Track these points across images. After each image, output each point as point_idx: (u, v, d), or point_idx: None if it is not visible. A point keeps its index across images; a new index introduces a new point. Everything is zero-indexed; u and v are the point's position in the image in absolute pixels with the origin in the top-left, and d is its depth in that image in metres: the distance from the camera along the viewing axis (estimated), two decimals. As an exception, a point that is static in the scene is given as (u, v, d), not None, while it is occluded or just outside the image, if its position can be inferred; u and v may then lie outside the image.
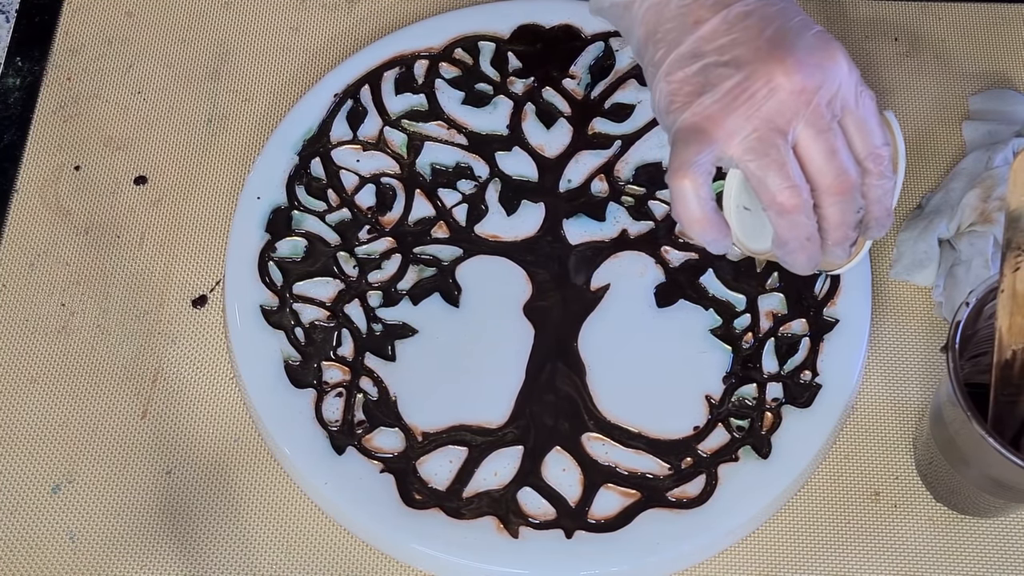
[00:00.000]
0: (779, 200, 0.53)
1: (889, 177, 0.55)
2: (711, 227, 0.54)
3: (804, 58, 0.52)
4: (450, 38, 0.74)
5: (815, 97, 0.52)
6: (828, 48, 0.53)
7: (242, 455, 0.64)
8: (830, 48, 0.53)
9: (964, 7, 0.77)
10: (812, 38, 0.53)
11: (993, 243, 0.65)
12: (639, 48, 0.57)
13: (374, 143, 0.71)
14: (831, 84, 0.52)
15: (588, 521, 0.61)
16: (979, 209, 0.66)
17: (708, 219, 0.54)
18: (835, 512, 0.63)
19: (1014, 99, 0.73)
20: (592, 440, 0.63)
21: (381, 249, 0.68)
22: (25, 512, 0.63)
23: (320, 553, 0.62)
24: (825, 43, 0.53)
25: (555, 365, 0.64)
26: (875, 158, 0.54)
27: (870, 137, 0.54)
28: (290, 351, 0.65)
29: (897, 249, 0.68)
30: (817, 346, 0.65)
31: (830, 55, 0.52)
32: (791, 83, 0.52)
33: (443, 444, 0.63)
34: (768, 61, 0.52)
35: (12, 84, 0.75)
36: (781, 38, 0.52)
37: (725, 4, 0.54)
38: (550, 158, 0.71)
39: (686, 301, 0.66)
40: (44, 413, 0.65)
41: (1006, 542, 0.62)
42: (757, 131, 0.52)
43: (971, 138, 0.71)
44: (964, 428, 0.54)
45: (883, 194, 0.55)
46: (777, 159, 0.53)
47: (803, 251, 0.55)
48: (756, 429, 0.63)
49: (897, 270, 0.67)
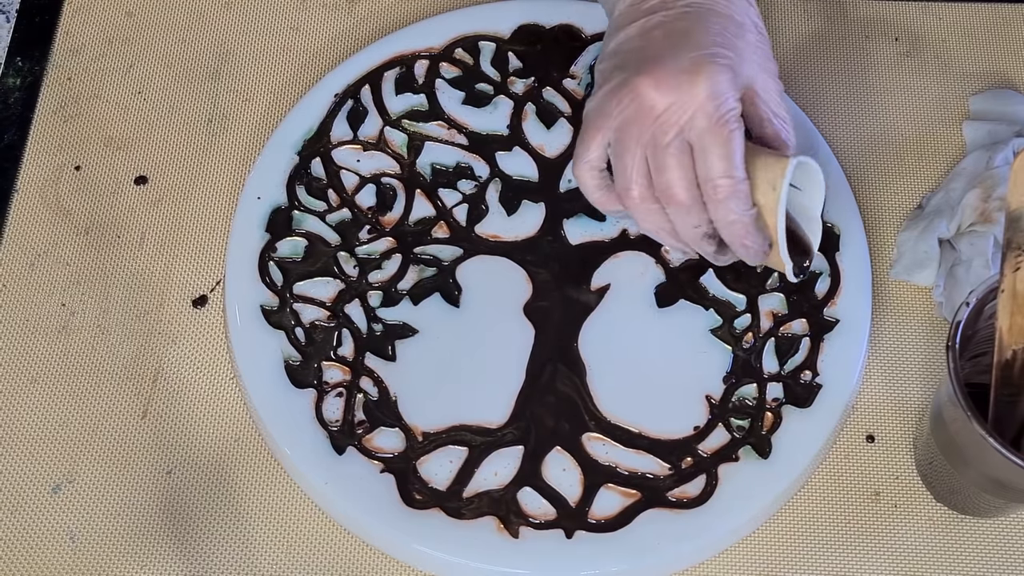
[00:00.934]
0: (622, 194, 0.59)
1: (733, 209, 0.57)
2: (610, 205, 0.61)
3: (664, 78, 0.55)
4: (450, 38, 0.74)
5: (663, 115, 0.56)
6: (694, 73, 0.55)
7: (242, 455, 0.64)
8: (696, 74, 0.55)
9: (964, 7, 0.77)
10: (687, 61, 0.56)
11: (993, 243, 0.65)
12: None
13: (374, 143, 0.71)
14: (682, 107, 0.55)
15: (588, 521, 0.61)
16: (979, 209, 0.66)
17: (604, 200, 0.61)
18: (835, 512, 0.63)
19: (1014, 99, 0.73)
20: (592, 440, 0.63)
21: (381, 249, 0.68)
22: (25, 512, 0.63)
23: (320, 553, 0.62)
24: (694, 68, 0.55)
25: (555, 366, 0.64)
26: (712, 186, 0.57)
27: (707, 166, 0.57)
28: (290, 351, 0.65)
29: (897, 249, 0.68)
30: (817, 346, 0.65)
31: (691, 80, 0.55)
32: (647, 98, 0.56)
33: (443, 444, 0.63)
34: (639, 73, 0.56)
35: (12, 84, 0.75)
36: (661, 55, 0.56)
37: (653, 11, 0.58)
38: (550, 158, 0.71)
39: (686, 301, 0.66)
40: (44, 413, 0.65)
41: (1006, 542, 0.62)
42: (617, 132, 0.58)
43: (972, 138, 0.71)
44: (964, 428, 0.54)
45: (729, 222, 0.58)
46: (626, 160, 0.58)
47: (662, 239, 0.61)
48: (756, 429, 0.63)
49: (897, 270, 0.67)
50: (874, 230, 0.70)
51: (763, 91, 0.58)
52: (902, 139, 0.73)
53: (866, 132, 0.73)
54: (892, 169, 0.72)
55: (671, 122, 0.56)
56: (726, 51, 0.56)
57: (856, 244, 0.68)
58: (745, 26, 0.58)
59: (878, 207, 0.71)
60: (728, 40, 0.57)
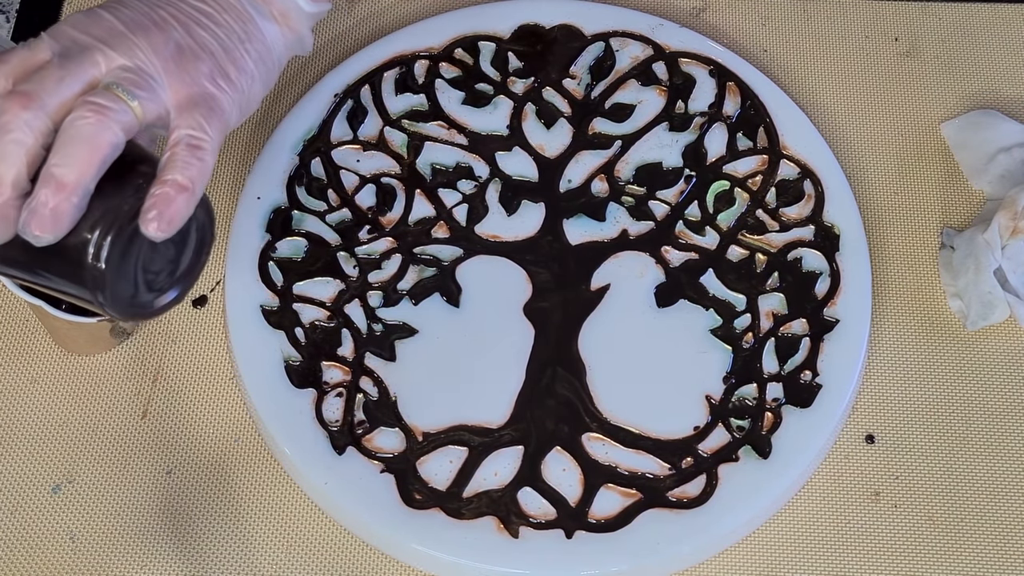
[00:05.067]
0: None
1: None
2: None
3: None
4: (450, 38, 0.74)
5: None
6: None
7: (242, 455, 0.64)
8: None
9: (964, 7, 0.77)
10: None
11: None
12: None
13: (374, 143, 0.71)
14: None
15: (588, 521, 0.61)
16: (1011, 228, 0.66)
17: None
18: (835, 512, 0.63)
19: (988, 123, 0.72)
20: (592, 440, 0.63)
21: (381, 249, 0.68)
22: (25, 512, 0.63)
23: (320, 553, 0.62)
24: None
25: (555, 369, 0.64)
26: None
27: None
28: (290, 351, 0.65)
29: (960, 300, 0.67)
30: (817, 346, 0.65)
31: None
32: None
33: (443, 444, 0.63)
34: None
35: (12, 84, 0.75)
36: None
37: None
38: (550, 158, 0.71)
39: (686, 301, 0.66)
40: (44, 413, 0.65)
41: (1006, 542, 0.62)
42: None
43: (993, 191, 0.71)
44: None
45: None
46: None
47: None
48: (756, 429, 0.63)
49: (973, 319, 0.66)
50: (874, 230, 0.70)
51: None
52: (902, 139, 0.73)
53: (866, 132, 0.73)
54: (892, 169, 0.72)
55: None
56: None
57: (856, 244, 0.68)
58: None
59: (878, 207, 0.71)
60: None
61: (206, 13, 0.55)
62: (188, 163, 0.50)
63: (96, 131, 0.48)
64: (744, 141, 0.71)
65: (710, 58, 0.73)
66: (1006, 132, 0.72)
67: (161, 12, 0.53)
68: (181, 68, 0.52)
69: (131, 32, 0.52)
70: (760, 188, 0.69)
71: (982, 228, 0.67)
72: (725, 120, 0.71)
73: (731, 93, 0.72)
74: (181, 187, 0.49)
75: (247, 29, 0.56)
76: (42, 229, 0.47)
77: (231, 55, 0.55)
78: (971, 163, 0.71)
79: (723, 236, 0.68)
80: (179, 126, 0.51)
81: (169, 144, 0.51)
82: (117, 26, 0.52)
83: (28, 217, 0.47)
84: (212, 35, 0.54)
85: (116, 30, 0.51)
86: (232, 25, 0.56)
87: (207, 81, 0.53)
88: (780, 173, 0.70)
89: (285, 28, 0.59)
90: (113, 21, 0.52)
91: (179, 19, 0.54)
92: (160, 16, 0.53)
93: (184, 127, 0.51)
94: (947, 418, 0.65)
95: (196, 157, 0.51)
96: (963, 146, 0.72)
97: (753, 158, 0.70)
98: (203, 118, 0.52)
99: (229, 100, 0.54)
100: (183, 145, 0.51)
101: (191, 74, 0.53)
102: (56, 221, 0.47)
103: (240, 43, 0.56)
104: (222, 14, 0.56)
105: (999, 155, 0.71)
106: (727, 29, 0.76)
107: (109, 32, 0.51)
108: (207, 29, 0.54)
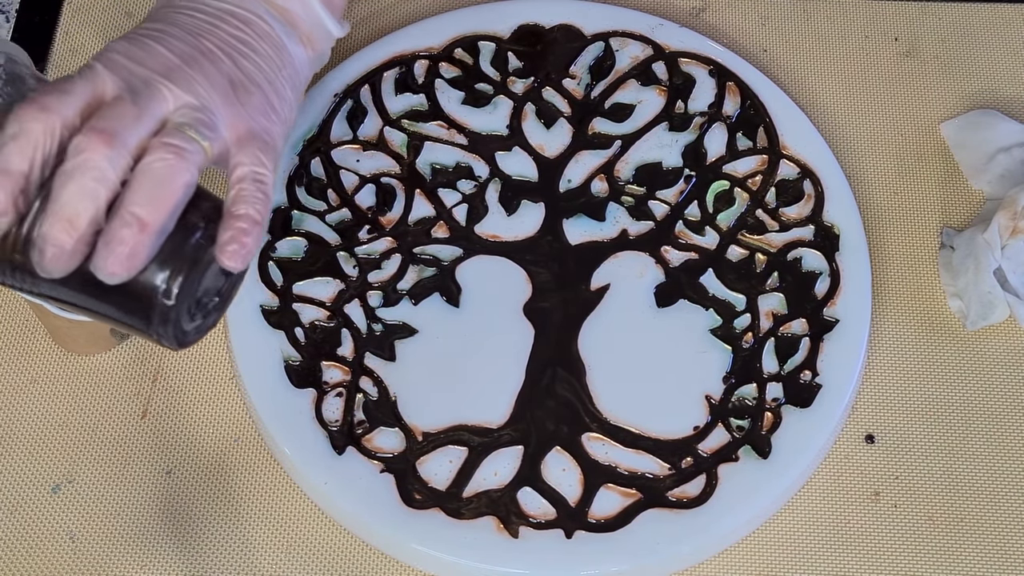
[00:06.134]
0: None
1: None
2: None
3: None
4: (450, 38, 0.74)
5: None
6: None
7: (242, 455, 0.64)
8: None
9: (964, 7, 0.77)
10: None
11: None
12: None
13: (374, 143, 0.71)
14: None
15: (588, 521, 0.61)
16: (1010, 228, 0.66)
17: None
18: (835, 512, 0.63)
19: (987, 122, 0.72)
20: (592, 440, 0.63)
21: (381, 249, 0.68)
22: (25, 512, 0.63)
23: (320, 553, 0.62)
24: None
25: (555, 369, 0.64)
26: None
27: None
28: (290, 351, 0.65)
29: (960, 300, 0.67)
30: (817, 346, 0.65)
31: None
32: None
33: (443, 444, 0.63)
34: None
35: (12, 84, 0.75)
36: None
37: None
38: (550, 158, 0.71)
39: (686, 301, 0.66)
40: (44, 413, 0.65)
41: (1006, 542, 0.62)
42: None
43: (992, 191, 0.71)
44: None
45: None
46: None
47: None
48: (756, 429, 0.63)
49: (973, 320, 0.66)
50: (874, 230, 0.70)
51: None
52: (902, 139, 0.73)
53: (866, 132, 0.73)
54: (892, 169, 0.72)
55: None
56: None
57: (856, 244, 0.68)
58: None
59: (878, 207, 0.71)
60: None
61: (245, 42, 0.56)
62: (257, 198, 0.51)
63: (175, 173, 0.49)
64: (744, 141, 0.71)
65: (710, 58, 0.73)
66: (1006, 132, 0.72)
67: (206, 42, 0.54)
68: (236, 103, 0.53)
69: (187, 66, 0.52)
70: (760, 188, 0.69)
71: (982, 228, 0.67)
72: (725, 120, 0.71)
73: (731, 93, 0.72)
74: (255, 222, 0.51)
75: (281, 56, 0.57)
76: (119, 268, 0.48)
77: (274, 85, 0.56)
78: (971, 163, 0.71)
79: (723, 236, 0.68)
80: (242, 162, 0.52)
81: (234, 179, 0.52)
82: (173, 59, 0.52)
83: (104, 255, 0.48)
84: (256, 66, 0.55)
85: (173, 64, 0.52)
86: (270, 53, 0.57)
87: (260, 115, 0.54)
88: (780, 173, 0.70)
89: (310, 49, 0.60)
90: (167, 54, 0.52)
91: (224, 50, 0.54)
92: (206, 47, 0.54)
93: (248, 163, 0.52)
94: (947, 418, 0.65)
95: (262, 192, 0.52)
96: (963, 146, 0.72)
97: (753, 158, 0.70)
98: (261, 152, 0.53)
99: (278, 131, 0.55)
100: (249, 180, 0.52)
101: (246, 108, 0.54)
102: (132, 261, 0.48)
103: (278, 71, 0.57)
104: (260, 42, 0.56)
105: (999, 155, 0.71)
106: (727, 29, 0.76)
107: (166, 66, 0.52)
108: (250, 60, 0.55)
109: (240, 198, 0.51)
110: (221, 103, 0.52)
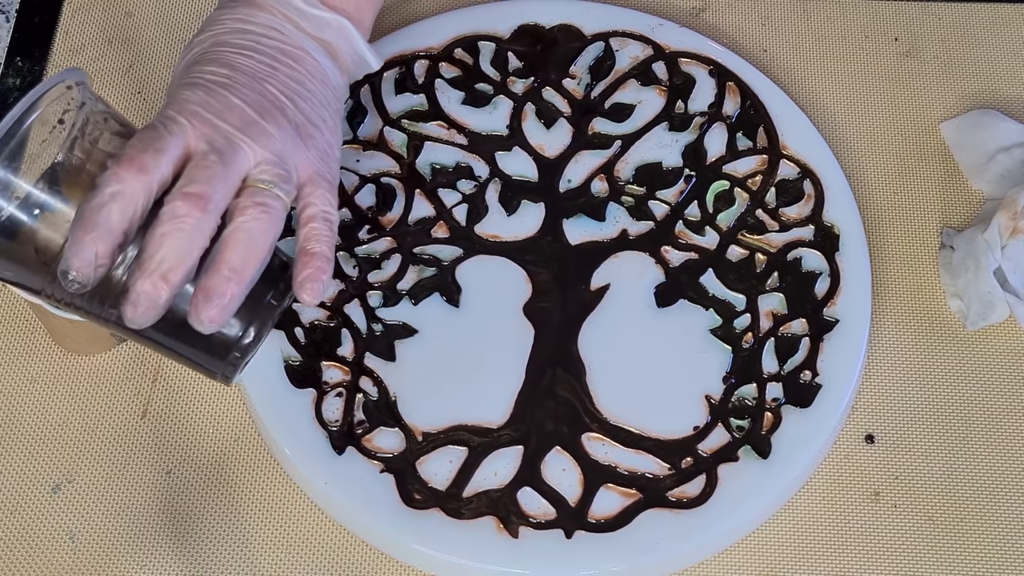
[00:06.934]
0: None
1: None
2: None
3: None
4: (450, 38, 0.74)
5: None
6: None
7: (242, 455, 0.64)
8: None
9: (964, 7, 0.77)
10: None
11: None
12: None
13: (374, 143, 0.71)
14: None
15: (588, 521, 0.61)
16: (1010, 228, 0.66)
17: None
18: (835, 512, 0.63)
19: (987, 122, 0.72)
20: (592, 440, 0.63)
21: (381, 249, 0.68)
22: (25, 512, 0.63)
23: (320, 553, 0.62)
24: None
25: (555, 370, 0.64)
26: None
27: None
28: (290, 351, 0.65)
29: (960, 300, 0.67)
30: (817, 346, 0.65)
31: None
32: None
33: (443, 444, 0.63)
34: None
35: (12, 84, 0.75)
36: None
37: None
38: (550, 158, 0.71)
39: (686, 301, 0.66)
40: (44, 413, 0.65)
41: (1006, 542, 0.62)
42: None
43: (992, 191, 0.71)
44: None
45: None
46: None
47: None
48: (756, 429, 0.63)
49: (973, 320, 0.66)
50: (874, 230, 0.70)
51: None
52: (902, 139, 0.73)
53: (866, 132, 0.73)
54: (892, 169, 0.72)
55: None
56: None
57: (856, 244, 0.68)
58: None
59: (878, 207, 0.71)
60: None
61: (302, 83, 0.58)
62: (328, 237, 0.56)
63: (265, 230, 0.53)
64: (744, 141, 0.71)
65: (710, 58, 0.73)
66: (1006, 132, 0.72)
67: (271, 89, 0.57)
68: (303, 147, 0.56)
69: (262, 119, 0.55)
70: (760, 188, 0.69)
71: (982, 228, 0.67)
72: (725, 120, 0.71)
73: (731, 93, 0.72)
74: (328, 259, 0.55)
75: (330, 91, 0.60)
76: (218, 318, 0.52)
77: (328, 124, 0.59)
78: (971, 163, 0.71)
79: (723, 236, 0.68)
80: (312, 203, 0.56)
81: (305, 218, 0.56)
82: (248, 113, 0.55)
83: (205, 307, 0.52)
84: (313, 107, 0.58)
85: (249, 118, 0.55)
86: (323, 92, 0.59)
87: (322, 155, 0.57)
88: (780, 173, 0.70)
89: (346, 76, 0.63)
90: (243, 108, 0.55)
91: (287, 95, 0.57)
92: (272, 94, 0.56)
93: (318, 204, 0.56)
94: (947, 418, 0.65)
95: (330, 230, 0.56)
96: (963, 146, 0.72)
97: (753, 158, 0.70)
98: (327, 192, 0.57)
99: (337, 169, 0.59)
100: (320, 220, 0.56)
101: (312, 151, 0.57)
102: (226, 312, 0.52)
103: (330, 107, 0.59)
104: (313, 82, 0.59)
105: (999, 155, 0.71)
106: (727, 29, 0.77)
107: (243, 120, 0.54)
108: (308, 101, 0.58)
109: (313, 236, 0.55)
110: (292, 151, 0.55)
